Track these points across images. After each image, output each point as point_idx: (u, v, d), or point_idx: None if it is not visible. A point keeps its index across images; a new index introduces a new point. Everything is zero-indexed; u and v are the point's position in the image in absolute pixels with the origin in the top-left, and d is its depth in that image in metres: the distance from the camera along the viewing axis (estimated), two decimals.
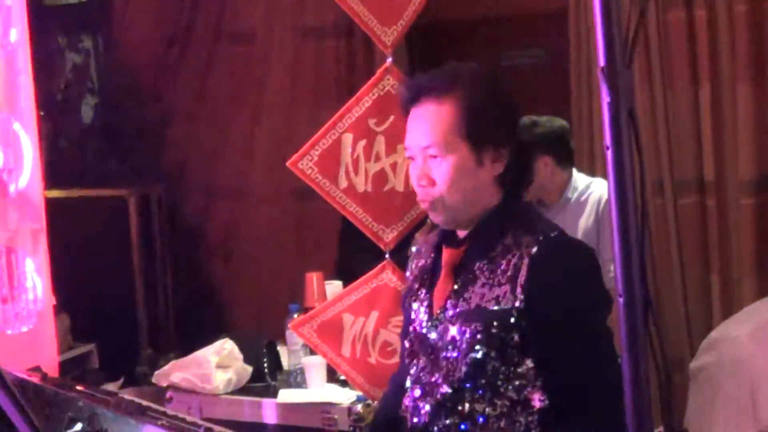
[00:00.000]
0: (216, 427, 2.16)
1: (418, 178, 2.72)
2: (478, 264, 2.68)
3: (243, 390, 4.64)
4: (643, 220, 2.15)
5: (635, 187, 2.15)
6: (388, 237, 3.83)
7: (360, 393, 4.17)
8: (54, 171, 4.17)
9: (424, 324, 2.78)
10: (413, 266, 2.96)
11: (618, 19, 2.13)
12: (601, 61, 2.14)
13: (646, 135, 5.20)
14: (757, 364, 2.95)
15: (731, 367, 3.00)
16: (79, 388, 2.47)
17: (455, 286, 2.71)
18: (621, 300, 2.16)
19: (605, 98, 2.17)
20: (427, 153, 2.69)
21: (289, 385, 4.57)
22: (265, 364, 4.72)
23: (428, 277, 2.83)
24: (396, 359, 3.43)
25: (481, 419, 2.63)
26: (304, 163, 3.79)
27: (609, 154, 2.18)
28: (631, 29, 2.18)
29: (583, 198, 4.70)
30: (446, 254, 2.78)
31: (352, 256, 5.22)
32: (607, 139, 2.17)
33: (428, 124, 2.69)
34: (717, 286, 5.37)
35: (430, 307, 2.78)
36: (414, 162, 2.74)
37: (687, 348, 5.15)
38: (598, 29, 2.14)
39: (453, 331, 2.67)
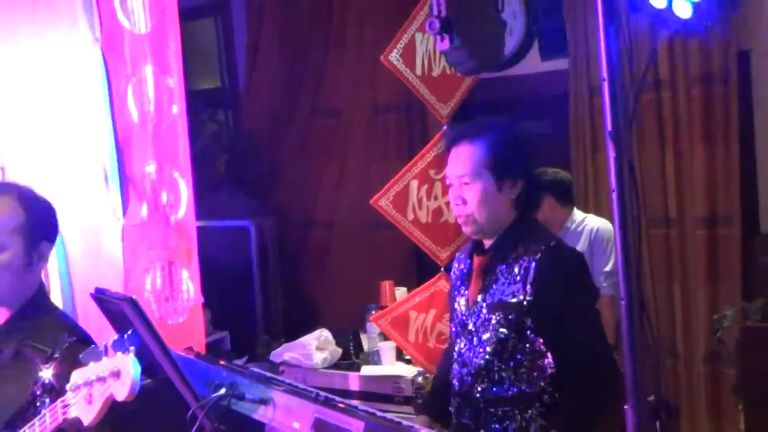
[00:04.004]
0: (321, 392, 2.17)
1: (454, 199, 2.77)
2: (499, 267, 2.70)
3: (335, 366, 4.67)
4: (640, 238, 2.17)
5: (634, 219, 2.17)
6: (443, 255, 3.86)
7: (421, 369, 4.19)
8: (197, 208, 4.20)
9: (463, 313, 2.81)
10: (455, 269, 2.99)
11: (621, 95, 2.16)
12: (609, 127, 2.16)
13: None
14: None
15: None
16: (221, 362, 2.49)
17: (483, 284, 2.74)
18: (623, 302, 2.17)
19: (611, 153, 2.19)
20: (461, 180, 2.74)
21: (368, 363, 4.58)
22: (351, 347, 4.73)
23: (466, 279, 2.86)
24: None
25: (507, 383, 2.66)
26: (383, 202, 3.84)
27: (614, 195, 2.19)
28: (631, 102, 2.21)
29: (579, 228, 4.70)
30: (476, 261, 2.81)
31: None
32: (613, 184, 2.19)
33: (463, 159, 2.74)
34: (678, 295, 5.35)
35: (467, 300, 2.80)
36: (452, 187, 2.79)
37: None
38: (606, 103, 2.17)
39: (484, 318, 2.70)
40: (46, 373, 2.31)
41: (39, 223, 2.49)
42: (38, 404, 2.18)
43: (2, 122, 3.56)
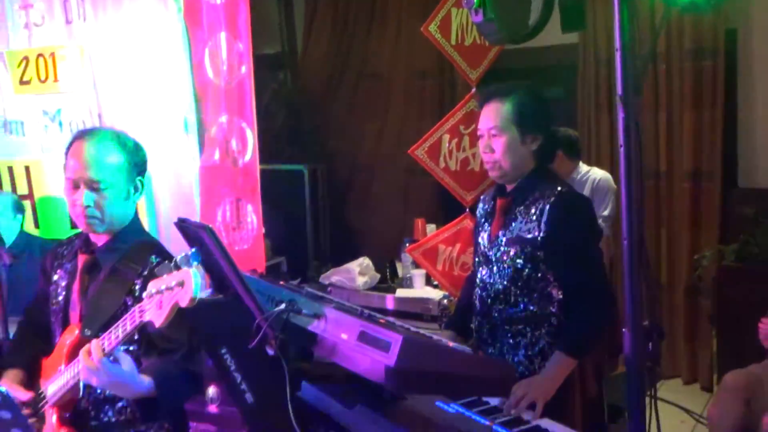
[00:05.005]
0: (365, 310, 2.14)
1: (483, 148, 2.74)
2: (518, 208, 2.68)
3: (374, 288, 4.69)
4: (642, 188, 2.12)
5: (638, 169, 2.12)
6: (468, 198, 3.82)
7: (446, 293, 4.17)
8: (260, 153, 4.18)
9: (486, 246, 2.79)
10: (480, 208, 2.96)
11: (632, 65, 2.09)
12: (620, 91, 2.10)
13: None
14: None
15: None
16: (281, 282, 2.47)
17: (504, 222, 2.71)
18: (625, 242, 2.13)
19: (621, 114, 2.13)
20: (491, 132, 2.70)
21: (402, 287, 4.59)
22: (388, 273, 4.74)
23: (489, 216, 2.84)
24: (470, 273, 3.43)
25: (521, 305, 2.65)
26: (419, 152, 3.81)
27: (622, 150, 2.14)
28: (640, 71, 2.13)
29: (584, 179, 4.67)
30: (499, 202, 2.78)
31: None
32: (621, 140, 2.14)
33: (493, 114, 2.70)
34: (664, 238, 5.31)
35: (489, 235, 2.78)
36: (482, 138, 2.75)
37: None
38: (618, 70, 2.10)
39: (503, 250, 2.68)
40: (136, 287, 2.33)
41: (134, 162, 2.48)
42: (128, 312, 2.20)
43: (101, 76, 3.56)
